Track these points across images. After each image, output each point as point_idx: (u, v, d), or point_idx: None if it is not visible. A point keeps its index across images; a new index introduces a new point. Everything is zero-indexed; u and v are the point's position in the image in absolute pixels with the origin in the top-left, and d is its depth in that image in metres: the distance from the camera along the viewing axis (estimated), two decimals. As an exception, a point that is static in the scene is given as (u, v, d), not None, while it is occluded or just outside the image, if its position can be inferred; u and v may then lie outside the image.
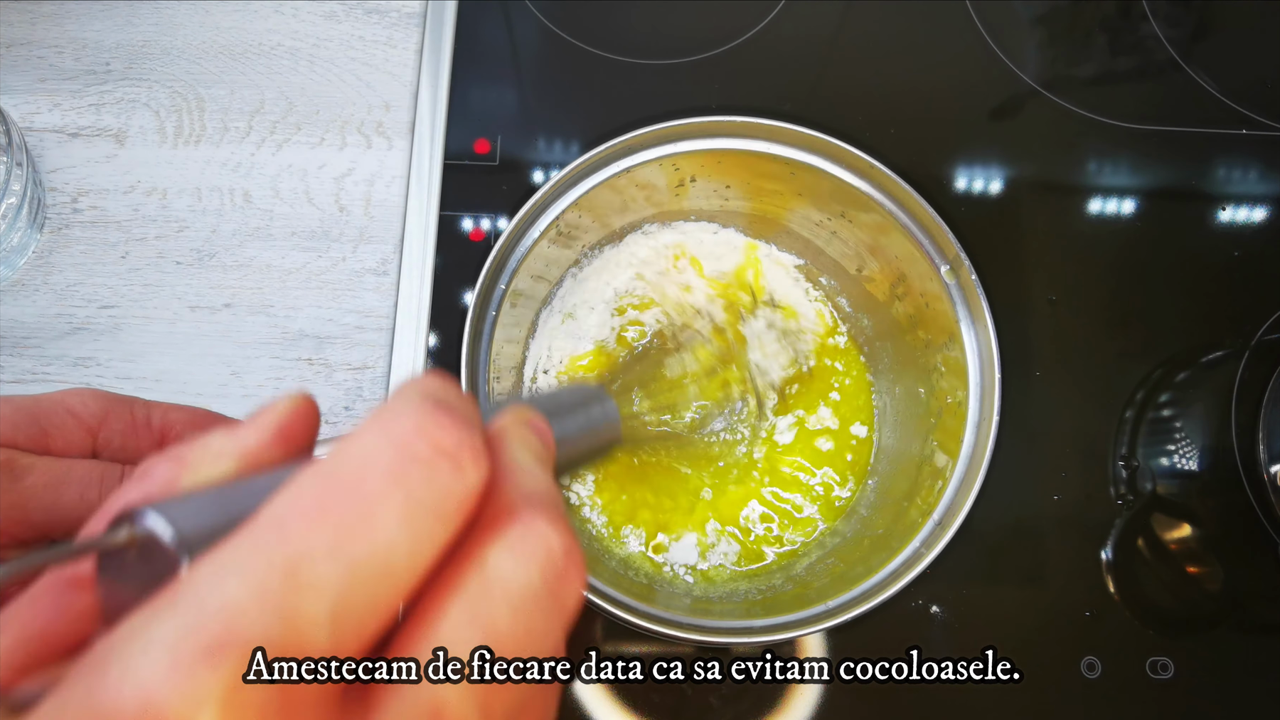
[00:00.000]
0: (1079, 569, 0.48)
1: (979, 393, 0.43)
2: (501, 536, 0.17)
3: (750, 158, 0.47)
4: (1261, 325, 0.51)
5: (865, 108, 0.56)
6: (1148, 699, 0.46)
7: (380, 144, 0.55)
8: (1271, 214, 0.55)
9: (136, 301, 0.52)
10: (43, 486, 0.29)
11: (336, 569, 0.15)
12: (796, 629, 0.40)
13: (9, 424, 0.30)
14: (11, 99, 0.55)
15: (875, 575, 0.41)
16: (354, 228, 0.54)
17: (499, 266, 0.45)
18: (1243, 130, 0.57)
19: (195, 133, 0.55)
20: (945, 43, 0.59)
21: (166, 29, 0.57)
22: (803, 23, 0.59)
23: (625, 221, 0.50)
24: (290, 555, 0.15)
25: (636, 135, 0.45)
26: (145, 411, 0.33)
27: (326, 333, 0.52)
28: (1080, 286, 0.53)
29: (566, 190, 0.46)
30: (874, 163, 0.45)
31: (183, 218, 0.54)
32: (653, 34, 0.58)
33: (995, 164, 0.56)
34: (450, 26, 0.57)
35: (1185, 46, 0.59)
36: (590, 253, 0.51)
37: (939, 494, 0.42)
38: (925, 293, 0.46)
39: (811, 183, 0.47)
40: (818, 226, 0.50)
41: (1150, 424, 0.50)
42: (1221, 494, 0.47)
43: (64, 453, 0.31)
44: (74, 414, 0.31)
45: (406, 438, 0.16)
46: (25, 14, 0.57)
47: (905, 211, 0.46)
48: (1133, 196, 0.55)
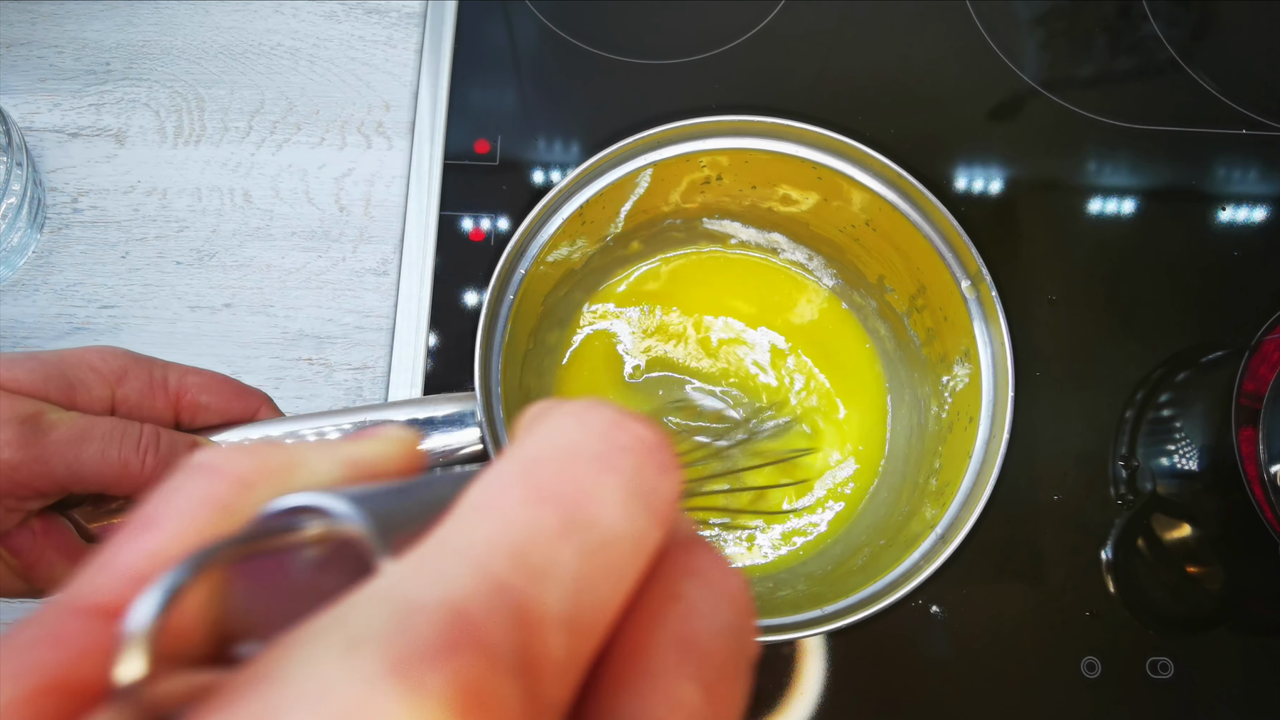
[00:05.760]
0: (1079, 569, 0.48)
1: (991, 410, 0.43)
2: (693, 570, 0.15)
3: (776, 159, 0.46)
4: (1261, 325, 0.51)
5: (865, 107, 0.56)
6: (1148, 699, 0.46)
7: (380, 144, 0.55)
8: (1271, 214, 0.55)
9: (136, 301, 0.52)
10: (67, 441, 0.30)
11: (571, 554, 0.13)
12: (796, 630, 0.40)
13: (41, 378, 0.30)
14: (11, 99, 0.55)
15: (875, 583, 0.41)
16: (354, 228, 0.54)
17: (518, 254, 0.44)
18: (1243, 130, 0.57)
19: (195, 133, 0.55)
20: (945, 43, 0.59)
21: (166, 29, 0.57)
22: (803, 22, 0.59)
23: (648, 217, 0.50)
24: (516, 538, 0.12)
25: (660, 131, 0.45)
26: (163, 372, 0.34)
27: (326, 333, 0.52)
28: (1080, 286, 0.53)
29: (587, 184, 0.45)
30: (901, 172, 0.45)
31: (183, 218, 0.54)
32: (653, 34, 0.58)
33: (995, 164, 0.56)
34: (450, 26, 0.57)
35: (1185, 46, 0.59)
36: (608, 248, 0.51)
37: (944, 508, 0.42)
38: (944, 306, 0.46)
39: (837, 187, 0.47)
40: (841, 233, 0.49)
41: (1150, 424, 0.50)
42: (1221, 494, 0.47)
43: (88, 409, 0.31)
44: (96, 370, 0.32)
45: (604, 428, 0.15)
46: (25, 14, 0.57)
47: (930, 223, 0.45)
48: (1133, 196, 0.55)
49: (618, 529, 0.13)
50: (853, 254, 0.50)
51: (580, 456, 0.14)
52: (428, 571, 0.12)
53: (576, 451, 0.14)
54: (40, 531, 0.32)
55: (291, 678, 0.10)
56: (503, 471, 0.14)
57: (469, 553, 0.12)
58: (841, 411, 0.51)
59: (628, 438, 0.14)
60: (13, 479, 0.29)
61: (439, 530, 0.13)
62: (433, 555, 0.12)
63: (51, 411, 0.30)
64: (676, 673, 0.14)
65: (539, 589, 0.12)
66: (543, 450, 0.14)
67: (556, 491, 0.13)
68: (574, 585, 0.12)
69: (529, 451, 0.14)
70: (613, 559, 0.13)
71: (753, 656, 0.15)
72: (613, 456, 0.14)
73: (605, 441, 0.14)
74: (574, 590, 0.12)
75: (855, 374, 0.52)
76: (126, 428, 0.31)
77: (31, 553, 0.31)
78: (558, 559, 0.12)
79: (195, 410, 0.34)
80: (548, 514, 0.13)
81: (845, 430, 0.50)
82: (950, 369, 0.47)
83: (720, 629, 0.15)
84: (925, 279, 0.47)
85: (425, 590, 0.11)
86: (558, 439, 0.14)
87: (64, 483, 0.30)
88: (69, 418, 0.30)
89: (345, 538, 0.13)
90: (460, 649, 0.11)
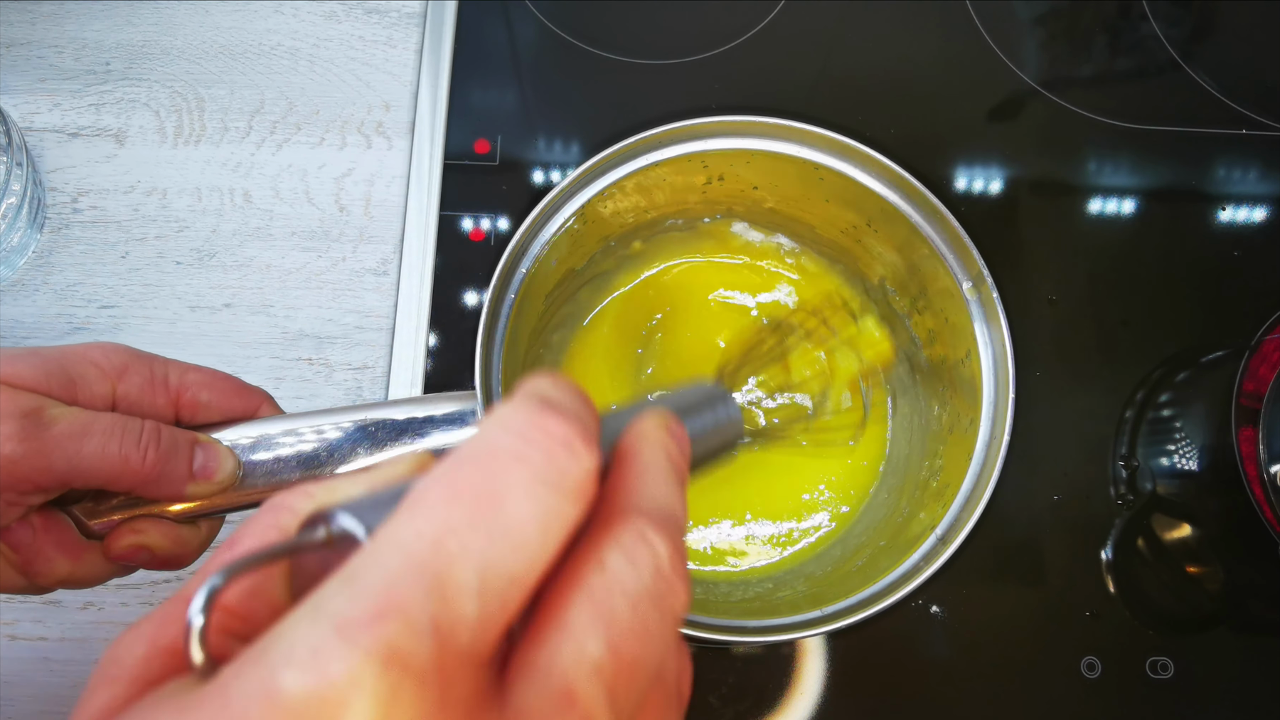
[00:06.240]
0: (1079, 569, 0.48)
1: (991, 411, 0.43)
2: (616, 539, 0.19)
3: (777, 159, 0.46)
4: (1261, 325, 0.51)
5: (865, 107, 0.56)
6: (1148, 699, 0.46)
7: (380, 144, 0.55)
8: (1271, 214, 0.55)
9: (136, 301, 0.52)
10: (67, 436, 0.30)
11: (478, 538, 0.16)
12: (796, 631, 0.40)
13: (42, 373, 0.31)
14: (11, 99, 0.55)
15: (875, 584, 0.41)
16: (354, 228, 0.54)
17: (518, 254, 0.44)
18: (1243, 130, 0.57)
19: (195, 133, 0.55)
20: (945, 43, 0.59)
21: (166, 29, 0.57)
22: (803, 23, 0.59)
23: (650, 217, 0.50)
24: (436, 530, 0.16)
25: (662, 131, 0.45)
26: (164, 369, 0.34)
27: (326, 333, 0.52)
28: (1080, 286, 0.53)
29: (589, 183, 0.45)
30: (902, 173, 0.45)
31: (183, 218, 0.54)
32: (653, 34, 0.58)
33: (995, 164, 0.56)
34: (450, 26, 0.57)
35: (1185, 46, 0.59)
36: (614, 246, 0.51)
37: (944, 509, 0.42)
38: (945, 308, 0.46)
39: (839, 189, 0.47)
40: (843, 234, 0.49)
41: (1150, 424, 0.50)
42: (1221, 494, 0.47)
43: (89, 404, 0.32)
44: (98, 366, 0.32)
45: (521, 427, 0.18)
46: (25, 14, 0.57)
47: (931, 224, 0.45)
48: (1133, 196, 0.55)
49: (523, 512, 0.17)
50: (854, 255, 0.50)
51: (495, 455, 0.17)
52: (371, 559, 0.16)
53: (494, 450, 0.18)
54: (40, 527, 0.32)
55: (280, 637, 0.15)
56: (434, 475, 0.17)
57: (400, 543, 0.16)
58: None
59: (540, 433, 0.18)
60: (13, 473, 0.29)
61: (385, 526, 0.17)
62: (377, 546, 0.16)
63: (53, 406, 0.30)
64: (587, 630, 0.17)
65: (452, 567, 0.16)
66: (466, 452, 0.18)
67: (472, 487, 0.17)
68: (482, 561, 0.16)
69: (458, 454, 0.18)
70: (520, 537, 0.17)
71: (676, 623, 0.19)
72: (524, 451, 0.17)
73: (520, 438, 0.18)
74: (482, 565, 0.16)
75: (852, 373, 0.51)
76: (127, 423, 0.31)
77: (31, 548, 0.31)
78: (468, 543, 0.16)
79: (195, 407, 0.34)
80: (460, 508, 0.17)
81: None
82: (951, 370, 0.47)
83: (636, 595, 0.18)
84: (926, 280, 0.47)
85: (368, 573, 0.16)
86: (480, 441, 0.18)
87: (64, 477, 0.30)
88: (70, 413, 0.31)
89: (349, 538, 0.18)
90: (385, 616, 0.15)
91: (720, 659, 0.46)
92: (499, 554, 0.16)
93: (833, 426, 0.49)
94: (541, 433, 0.18)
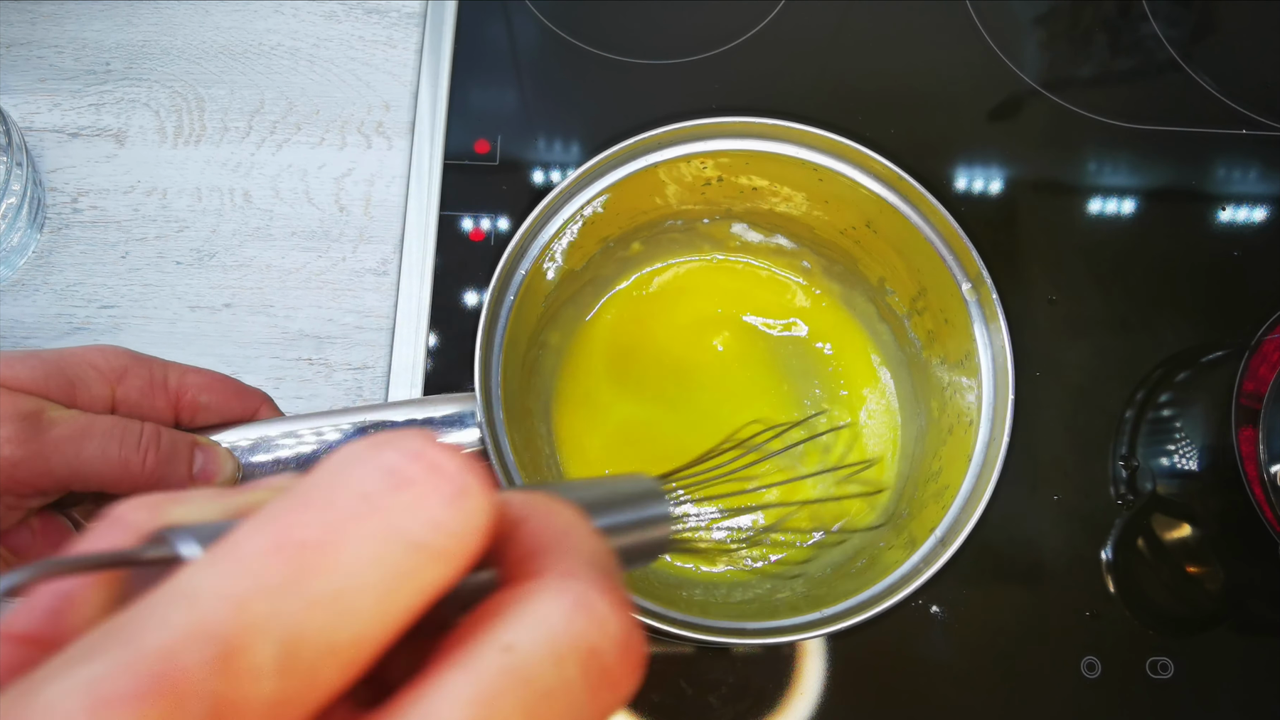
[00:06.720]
0: (1079, 569, 0.48)
1: (991, 412, 0.43)
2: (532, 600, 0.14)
3: (777, 160, 0.46)
4: (1261, 325, 0.51)
5: (865, 107, 0.56)
6: (1148, 699, 0.46)
7: (380, 144, 0.55)
8: (1271, 214, 0.55)
9: (136, 301, 0.52)
10: (67, 439, 0.30)
11: (292, 603, 0.13)
12: (796, 632, 0.40)
13: (41, 376, 0.31)
14: (11, 99, 0.55)
15: (875, 585, 0.41)
16: (354, 228, 0.54)
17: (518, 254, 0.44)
18: (1243, 130, 0.57)
19: (195, 133, 0.55)
20: (945, 43, 0.59)
21: (166, 29, 0.57)
22: (803, 23, 0.59)
23: (647, 219, 0.50)
24: (243, 587, 0.13)
25: (662, 132, 0.45)
26: (163, 371, 0.34)
27: (326, 333, 0.52)
28: (1080, 286, 0.53)
29: (588, 184, 0.45)
30: (901, 174, 0.45)
31: (183, 218, 0.54)
32: (653, 34, 0.58)
33: (995, 164, 0.56)
34: (450, 26, 0.57)
35: (1185, 46, 0.59)
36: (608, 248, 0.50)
37: (943, 510, 0.42)
38: (945, 309, 0.46)
39: (838, 190, 0.47)
40: (842, 235, 0.49)
41: (1150, 424, 0.50)
42: (1221, 494, 0.47)
43: (89, 407, 0.32)
44: (97, 369, 0.32)
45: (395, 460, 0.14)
46: (25, 14, 0.57)
47: (930, 225, 0.45)
48: (1133, 196, 0.55)
49: (357, 577, 0.13)
50: (854, 256, 0.50)
51: (341, 499, 0.14)
52: (157, 612, 0.13)
53: (342, 493, 0.14)
54: (39, 530, 0.32)
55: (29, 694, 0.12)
56: (265, 513, 0.14)
57: (194, 597, 0.13)
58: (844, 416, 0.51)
59: (417, 469, 0.14)
60: (13, 476, 0.29)
61: (185, 571, 0.13)
62: (167, 597, 0.13)
63: (52, 409, 0.30)
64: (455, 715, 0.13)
65: (251, 637, 0.12)
66: (308, 493, 0.14)
67: (299, 538, 0.13)
68: (293, 632, 0.13)
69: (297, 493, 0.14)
70: (350, 604, 0.13)
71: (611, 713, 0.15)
72: (384, 493, 0.14)
73: (385, 475, 0.14)
74: (291, 637, 0.13)
75: (855, 374, 0.52)
76: (127, 426, 0.31)
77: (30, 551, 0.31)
78: (279, 608, 0.13)
79: (195, 410, 0.34)
80: (279, 564, 0.13)
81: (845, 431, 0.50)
82: (950, 371, 0.47)
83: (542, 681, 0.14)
84: (926, 281, 0.47)
85: (146, 632, 0.12)
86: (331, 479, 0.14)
87: (64, 480, 0.30)
88: (69, 415, 0.31)
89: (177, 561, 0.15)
90: (153, 696, 0.12)
91: (720, 660, 0.46)
92: (318, 624, 0.13)
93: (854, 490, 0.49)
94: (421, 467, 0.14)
